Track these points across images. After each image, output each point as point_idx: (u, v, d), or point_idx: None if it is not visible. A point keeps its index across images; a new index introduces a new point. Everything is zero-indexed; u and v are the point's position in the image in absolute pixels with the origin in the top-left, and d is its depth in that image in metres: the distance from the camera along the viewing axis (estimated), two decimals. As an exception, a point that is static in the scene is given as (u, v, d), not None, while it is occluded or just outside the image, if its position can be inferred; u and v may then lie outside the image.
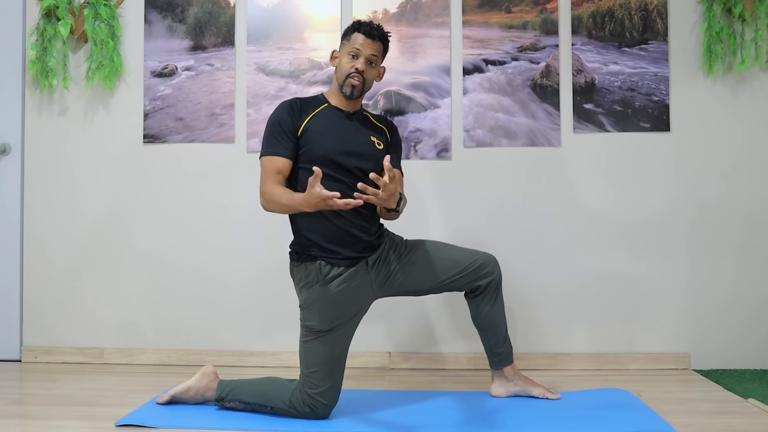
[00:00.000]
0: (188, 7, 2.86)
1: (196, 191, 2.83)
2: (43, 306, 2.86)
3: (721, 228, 2.71)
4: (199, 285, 2.81)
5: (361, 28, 2.10)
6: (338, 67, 2.13)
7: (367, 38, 2.08)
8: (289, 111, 2.07)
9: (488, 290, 2.16)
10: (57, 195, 2.87)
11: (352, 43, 2.10)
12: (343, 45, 2.13)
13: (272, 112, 2.10)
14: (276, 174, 2.02)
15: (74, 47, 2.87)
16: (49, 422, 2.00)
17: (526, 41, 2.78)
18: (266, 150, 2.06)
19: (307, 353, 1.99)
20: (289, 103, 2.10)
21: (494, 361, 2.23)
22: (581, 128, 2.75)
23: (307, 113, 2.08)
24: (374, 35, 2.09)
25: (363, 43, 2.08)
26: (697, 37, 2.74)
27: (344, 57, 2.11)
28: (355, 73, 2.07)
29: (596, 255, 2.73)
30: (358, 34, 2.10)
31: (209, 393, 2.11)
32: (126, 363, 2.80)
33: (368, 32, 2.09)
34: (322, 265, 2.01)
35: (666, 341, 2.71)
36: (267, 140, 2.07)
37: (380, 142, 2.14)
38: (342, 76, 2.10)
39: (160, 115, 2.84)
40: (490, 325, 2.19)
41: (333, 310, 1.99)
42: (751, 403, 2.17)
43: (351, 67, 2.08)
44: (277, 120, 2.06)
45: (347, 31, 2.14)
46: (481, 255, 2.17)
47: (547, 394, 2.20)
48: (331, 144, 2.04)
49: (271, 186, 2.00)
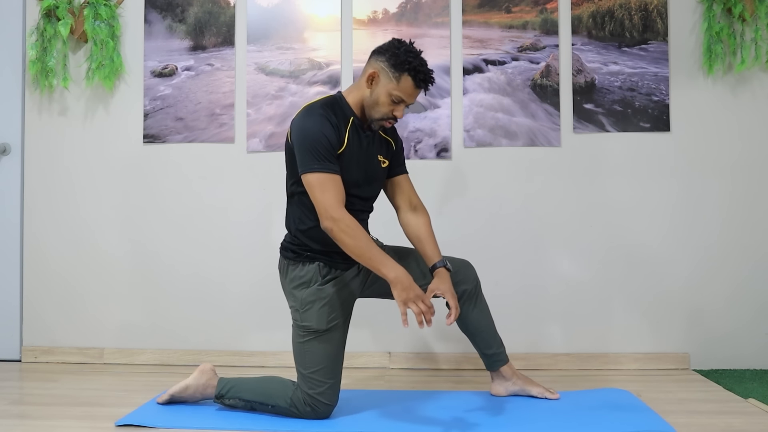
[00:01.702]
0: (188, 7, 2.86)
1: (196, 191, 2.83)
2: (43, 306, 2.86)
3: (721, 228, 2.71)
4: (199, 284, 2.81)
5: (417, 76, 1.91)
6: (374, 97, 1.95)
7: (417, 89, 1.93)
8: (331, 129, 1.90)
9: (467, 295, 2.13)
10: (57, 195, 2.87)
11: (400, 87, 1.91)
12: (387, 77, 1.92)
13: (308, 123, 1.91)
14: (340, 192, 1.88)
15: (74, 47, 2.87)
16: (49, 422, 2.00)
17: (526, 41, 2.78)
18: (320, 166, 1.87)
19: (305, 354, 1.98)
20: (328, 120, 1.91)
21: (488, 362, 2.23)
22: (581, 128, 2.75)
23: (341, 133, 1.94)
24: (426, 88, 1.95)
25: (412, 93, 1.93)
26: (697, 37, 2.74)
27: (384, 95, 1.92)
28: (392, 119, 1.97)
29: (596, 255, 2.73)
30: (409, 80, 1.91)
31: (209, 390, 2.10)
32: (126, 363, 2.80)
33: (421, 84, 1.93)
34: (321, 266, 2.00)
35: (666, 341, 2.71)
36: (316, 156, 1.87)
37: (385, 160, 2.09)
38: (377, 113, 1.95)
39: (160, 115, 2.84)
40: (478, 328, 2.18)
41: (331, 309, 1.98)
42: (751, 403, 2.17)
43: (390, 112, 1.94)
44: (324, 135, 1.88)
45: (398, 61, 1.91)
46: (457, 262, 2.15)
47: (546, 393, 2.20)
48: (358, 173, 1.98)
49: (345, 213, 1.85)
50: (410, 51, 1.93)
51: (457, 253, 2.76)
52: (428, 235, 2.09)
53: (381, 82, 1.94)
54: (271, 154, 2.78)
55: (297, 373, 2.00)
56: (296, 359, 2.01)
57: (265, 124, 2.80)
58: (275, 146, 2.78)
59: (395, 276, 1.81)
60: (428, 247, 2.07)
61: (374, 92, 1.95)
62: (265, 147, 2.80)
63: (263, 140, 2.80)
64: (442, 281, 1.97)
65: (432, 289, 1.94)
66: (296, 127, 1.94)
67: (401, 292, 1.80)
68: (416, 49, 1.96)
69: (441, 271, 2.00)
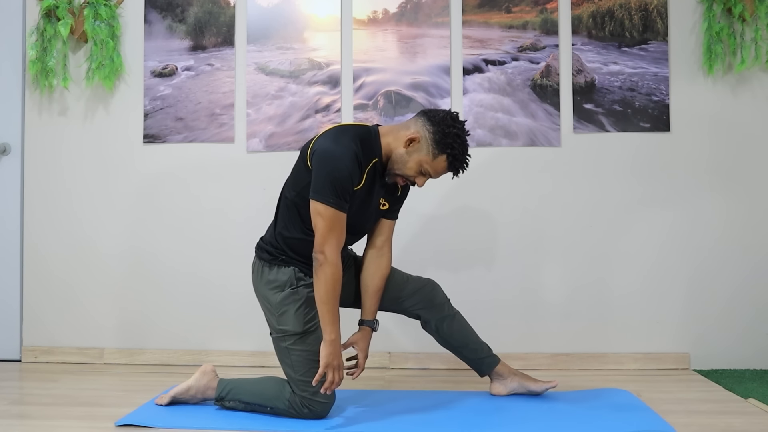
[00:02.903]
0: (188, 7, 2.86)
1: (195, 191, 2.83)
2: (43, 306, 2.86)
3: (720, 228, 2.71)
4: (199, 284, 2.81)
5: (454, 163, 1.91)
6: (406, 160, 1.92)
7: (448, 172, 1.95)
8: (357, 168, 1.87)
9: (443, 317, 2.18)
10: (57, 195, 2.87)
11: (434, 164, 1.91)
12: (427, 148, 1.90)
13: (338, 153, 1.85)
14: (343, 235, 1.88)
15: (74, 47, 2.87)
16: (49, 422, 2.00)
17: (526, 41, 2.78)
18: (337, 203, 1.85)
19: (291, 358, 1.96)
20: (356, 157, 1.86)
21: (481, 368, 2.25)
22: (581, 128, 2.75)
23: (362, 173, 1.90)
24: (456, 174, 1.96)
25: (441, 173, 1.95)
26: (697, 37, 2.74)
27: (416, 162, 1.91)
28: (411, 184, 1.99)
29: (596, 255, 2.73)
30: (445, 163, 1.91)
31: (209, 392, 2.10)
32: (126, 363, 2.80)
33: (455, 172, 1.95)
34: (296, 271, 2.00)
35: (666, 341, 2.71)
36: (336, 191, 1.84)
37: (386, 203, 2.07)
38: (400, 172, 1.94)
39: (160, 115, 2.84)
40: (462, 342, 2.21)
41: (308, 310, 1.97)
42: (751, 403, 2.17)
43: (413, 179, 1.95)
44: (349, 173, 1.85)
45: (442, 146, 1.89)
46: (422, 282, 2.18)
47: (545, 385, 2.21)
48: (360, 218, 1.99)
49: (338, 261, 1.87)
50: (458, 136, 1.91)
51: (457, 253, 2.78)
52: (376, 290, 2.13)
53: (419, 150, 1.92)
54: (271, 154, 2.78)
55: (288, 378, 1.99)
56: (283, 364, 1.99)
57: (265, 124, 2.80)
58: (275, 146, 2.78)
59: (332, 339, 1.88)
60: (369, 302, 2.14)
61: (409, 154, 1.92)
62: (265, 147, 2.80)
63: (263, 140, 2.80)
64: (363, 338, 2.13)
65: (351, 342, 2.11)
66: (323, 149, 1.87)
67: (329, 355, 1.88)
68: (465, 134, 1.93)
69: (366, 330, 2.14)
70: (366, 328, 2.13)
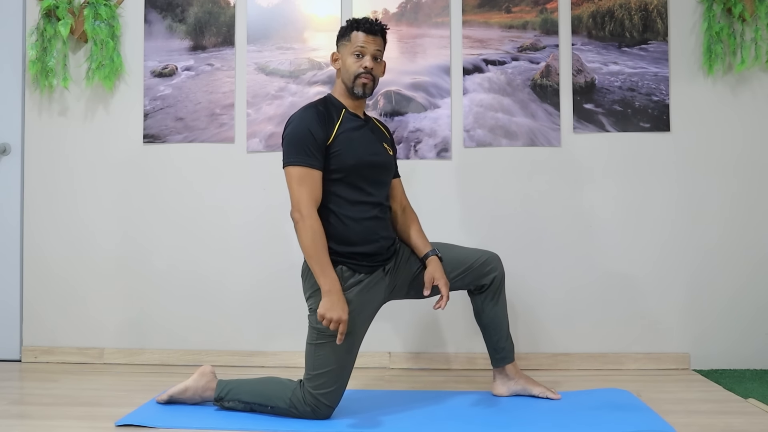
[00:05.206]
0: (188, 7, 2.86)
1: (195, 191, 2.83)
2: (43, 306, 2.86)
3: (721, 228, 2.71)
4: (199, 284, 2.81)
5: (360, 25, 2.04)
6: (343, 68, 2.06)
7: (369, 35, 2.04)
8: (318, 120, 1.97)
9: (492, 288, 2.18)
10: (57, 195, 2.87)
11: (353, 43, 2.04)
12: (343, 45, 2.08)
13: (297, 119, 1.99)
14: (316, 189, 1.95)
15: (74, 47, 2.87)
16: (49, 422, 2.00)
17: (526, 41, 2.78)
18: (300, 160, 1.94)
19: (316, 356, 1.96)
20: (316, 112, 1.99)
21: (496, 358, 2.23)
22: (581, 128, 2.75)
23: (333, 122, 2.01)
24: (375, 31, 2.05)
25: (365, 40, 2.03)
26: (697, 37, 2.74)
27: (348, 57, 2.05)
28: (365, 73, 2.03)
29: (596, 255, 2.73)
30: (358, 33, 2.04)
31: (208, 393, 2.10)
32: (126, 363, 2.80)
33: (369, 29, 2.04)
34: (343, 270, 1.99)
35: (666, 341, 2.71)
36: (297, 150, 1.94)
37: (390, 148, 2.17)
38: (350, 77, 2.04)
39: (160, 115, 2.84)
40: (493, 323, 2.20)
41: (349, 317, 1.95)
42: (751, 403, 2.17)
43: (359, 67, 2.03)
44: (308, 129, 1.95)
45: (344, 30, 2.08)
46: (485, 253, 2.20)
47: (548, 393, 2.20)
48: (361, 155, 2.02)
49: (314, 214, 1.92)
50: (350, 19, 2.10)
51: (457, 253, 2.76)
52: (417, 231, 2.20)
53: (342, 53, 2.08)
54: (270, 154, 2.78)
55: (305, 371, 1.99)
56: (306, 358, 1.99)
57: (265, 124, 2.80)
58: (275, 146, 2.78)
59: (326, 290, 1.89)
60: (418, 241, 2.17)
61: (342, 65, 2.07)
62: (265, 147, 2.80)
63: (263, 140, 2.80)
64: (436, 268, 2.09)
65: (428, 278, 2.07)
66: (286, 124, 2.03)
67: (323, 305, 1.88)
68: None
69: (433, 259, 2.11)
70: (431, 258, 2.11)
